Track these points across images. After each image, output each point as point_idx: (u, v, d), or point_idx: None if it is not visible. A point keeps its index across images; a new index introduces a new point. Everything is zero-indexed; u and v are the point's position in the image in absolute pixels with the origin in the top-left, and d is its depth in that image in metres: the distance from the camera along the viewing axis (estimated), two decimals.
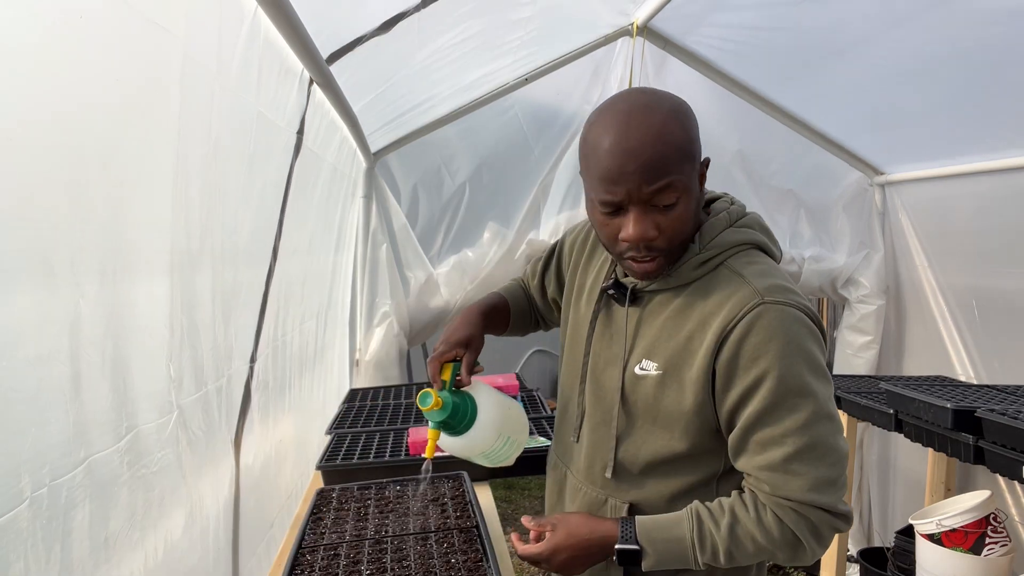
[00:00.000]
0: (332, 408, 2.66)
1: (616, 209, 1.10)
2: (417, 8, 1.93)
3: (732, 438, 1.14)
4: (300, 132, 1.78)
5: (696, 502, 1.18)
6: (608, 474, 1.25)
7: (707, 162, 1.16)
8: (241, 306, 1.49)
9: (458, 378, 1.29)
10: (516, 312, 1.58)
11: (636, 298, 1.24)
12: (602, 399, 1.28)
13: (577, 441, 1.33)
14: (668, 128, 1.06)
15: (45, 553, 0.76)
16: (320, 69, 1.71)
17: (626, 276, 1.25)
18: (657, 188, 1.06)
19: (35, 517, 0.74)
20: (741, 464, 1.15)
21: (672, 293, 1.20)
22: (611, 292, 1.27)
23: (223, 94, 1.22)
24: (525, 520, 1.27)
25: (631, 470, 1.24)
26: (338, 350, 2.99)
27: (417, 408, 1.65)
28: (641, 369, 1.20)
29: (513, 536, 1.29)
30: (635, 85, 3.04)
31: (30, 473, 0.73)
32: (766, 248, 1.21)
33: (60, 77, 0.76)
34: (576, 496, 1.33)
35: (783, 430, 1.08)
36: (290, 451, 2.03)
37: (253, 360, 1.58)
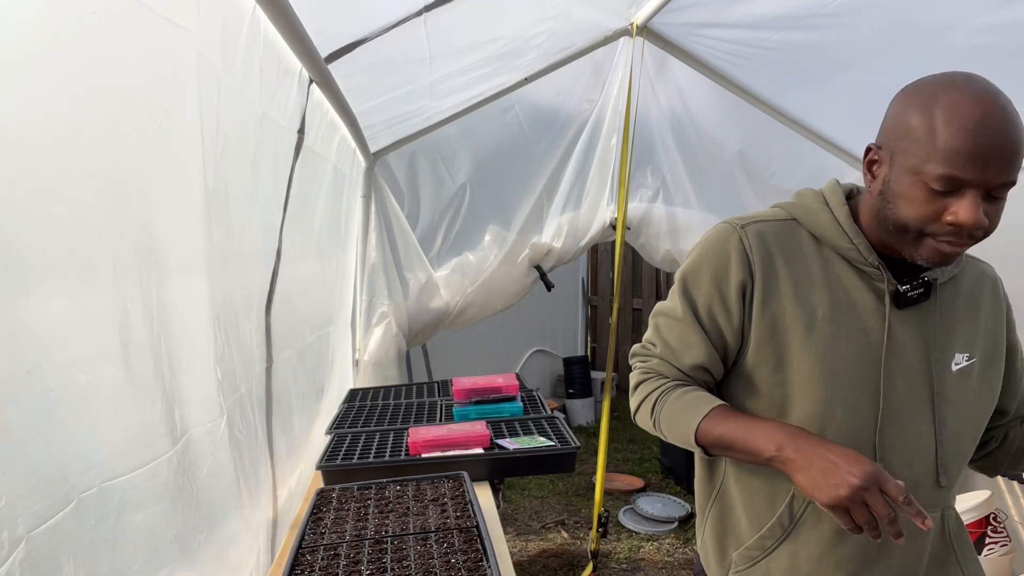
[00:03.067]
0: (334, 408, 2.65)
1: (953, 189, 1.04)
2: (419, 12, 1.93)
3: (1011, 383, 1.27)
4: (301, 131, 1.78)
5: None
6: (943, 482, 1.17)
7: None
8: (259, 307, 1.48)
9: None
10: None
11: (904, 297, 1.15)
12: (915, 415, 1.16)
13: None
14: (1022, 127, 1.04)
15: (92, 556, 0.74)
16: (319, 68, 1.71)
17: (916, 271, 1.16)
18: (1003, 182, 1.04)
19: (82, 519, 0.72)
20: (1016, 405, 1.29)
21: (953, 280, 1.21)
22: (912, 292, 1.15)
23: (228, 92, 1.22)
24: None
25: (956, 469, 1.20)
26: (342, 350, 2.99)
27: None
28: (956, 364, 1.18)
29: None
30: (635, 85, 3.04)
31: (77, 475, 0.72)
32: None
33: (87, 73, 0.76)
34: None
35: None
36: (297, 451, 2.04)
37: (270, 360, 1.58)
